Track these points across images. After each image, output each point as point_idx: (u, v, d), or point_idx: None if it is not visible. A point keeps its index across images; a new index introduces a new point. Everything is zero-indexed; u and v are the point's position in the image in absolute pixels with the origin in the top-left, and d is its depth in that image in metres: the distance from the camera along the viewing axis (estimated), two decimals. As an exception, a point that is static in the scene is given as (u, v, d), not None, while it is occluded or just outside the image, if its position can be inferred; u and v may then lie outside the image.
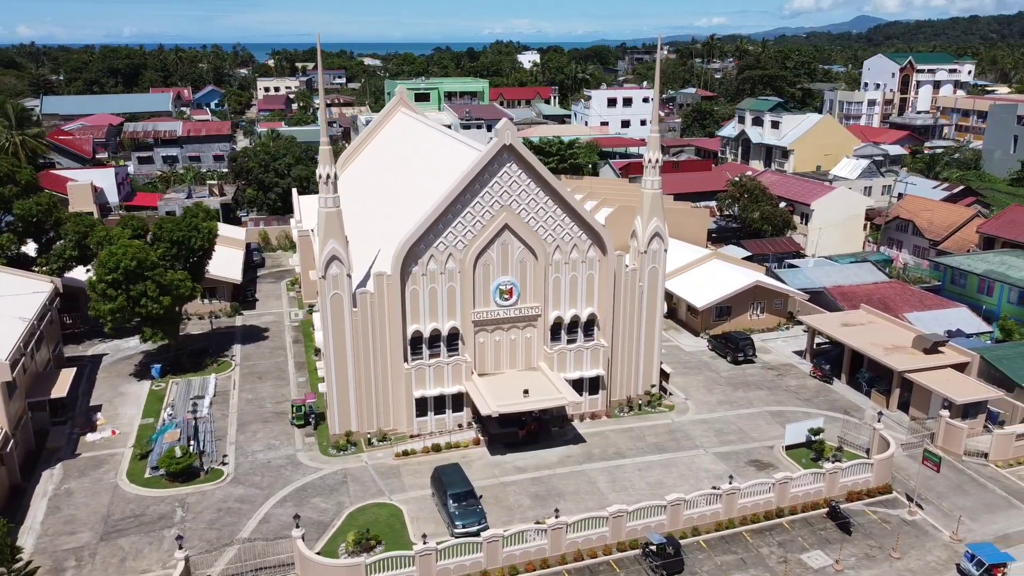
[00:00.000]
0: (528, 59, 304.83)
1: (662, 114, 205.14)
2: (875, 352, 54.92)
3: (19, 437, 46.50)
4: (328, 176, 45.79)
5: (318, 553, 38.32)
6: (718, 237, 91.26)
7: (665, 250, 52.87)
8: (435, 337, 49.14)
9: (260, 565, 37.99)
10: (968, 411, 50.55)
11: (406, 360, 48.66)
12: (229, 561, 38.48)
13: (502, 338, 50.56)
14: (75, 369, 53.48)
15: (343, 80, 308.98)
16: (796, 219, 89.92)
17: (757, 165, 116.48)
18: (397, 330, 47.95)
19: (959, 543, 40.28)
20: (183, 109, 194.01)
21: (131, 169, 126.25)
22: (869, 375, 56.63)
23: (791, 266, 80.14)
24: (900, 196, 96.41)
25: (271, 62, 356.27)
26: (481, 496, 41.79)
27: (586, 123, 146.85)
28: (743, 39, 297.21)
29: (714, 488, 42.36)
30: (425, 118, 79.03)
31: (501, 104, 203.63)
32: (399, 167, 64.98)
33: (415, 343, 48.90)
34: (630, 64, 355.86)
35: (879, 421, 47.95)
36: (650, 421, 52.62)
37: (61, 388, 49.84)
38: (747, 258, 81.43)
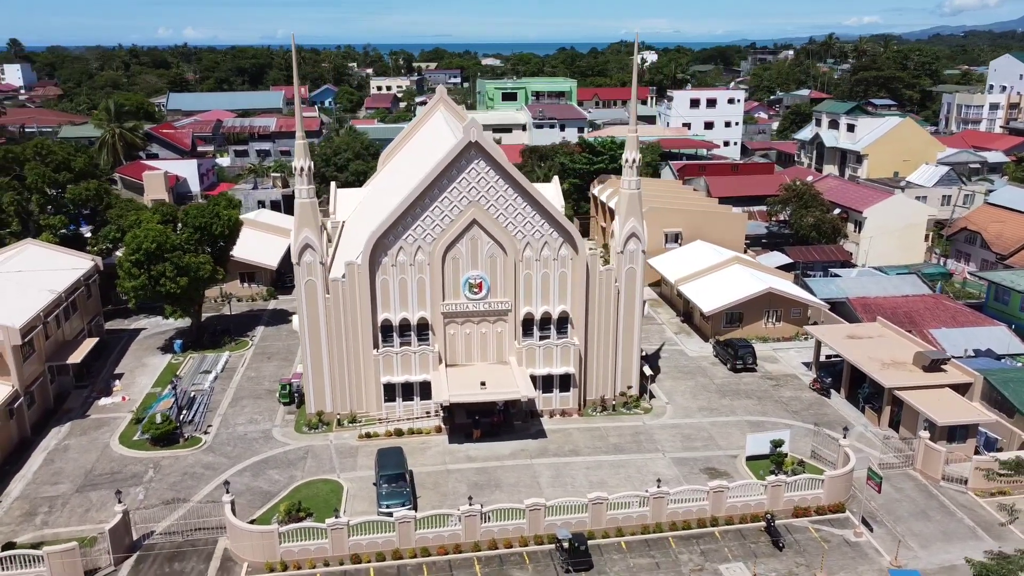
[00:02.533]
0: (646, 59, 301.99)
1: (766, 115, 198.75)
2: (870, 366, 52.26)
3: (36, 396, 52.12)
4: (302, 169, 48.63)
5: (252, 521, 41.02)
6: (768, 243, 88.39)
7: (643, 251, 52.42)
8: (405, 326, 51.05)
9: (200, 525, 41.11)
10: (955, 434, 47.36)
11: (376, 347, 50.84)
12: (176, 519, 41.90)
13: (472, 331, 51.81)
14: (96, 339, 59.13)
15: (457, 80, 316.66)
16: (850, 227, 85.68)
17: (831, 170, 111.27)
18: (367, 317, 50.19)
19: (898, 569, 38.21)
20: (292, 106, 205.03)
21: (227, 161, 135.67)
22: (868, 391, 53.91)
23: (834, 275, 76.70)
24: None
25: (394, 62, 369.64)
26: (411, 480, 43.38)
27: (668, 124, 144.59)
28: (863, 39, 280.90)
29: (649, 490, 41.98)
30: (456, 117, 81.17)
31: (597, 104, 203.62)
32: (415, 164, 67.22)
33: (385, 331, 51.00)
34: (754, 64, 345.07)
35: (844, 437, 45.81)
36: (620, 422, 52.40)
37: (78, 356, 55.28)
38: (787, 265, 78.82)
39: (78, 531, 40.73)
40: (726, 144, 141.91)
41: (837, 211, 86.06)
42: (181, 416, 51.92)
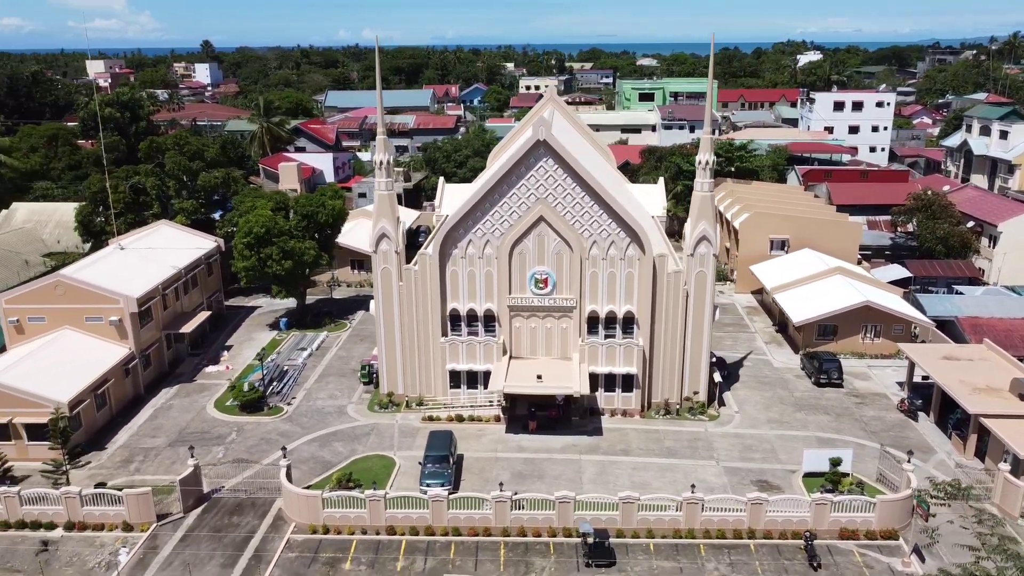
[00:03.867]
0: (808, 59, 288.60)
1: (930, 120, 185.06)
2: (958, 390, 48.67)
3: (152, 359, 58.46)
4: (381, 162, 51.72)
5: (309, 486, 44.27)
6: (892, 255, 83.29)
7: (715, 255, 51.49)
8: (472, 317, 52.98)
9: (263, 486, 44.95)
10: (1043, 470, 43.34)
11: (444, 334, 53.10)
12: (243, 478, 46.03)
13: (538, 325, 52.93)
14: (210, 313, 65.33)
15: (609, 80, 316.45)
16: (984, 242, 79.05)
17: (980, 180, 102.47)
18: (436, 306, 52.55)
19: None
20: (441, 104, 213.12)
21: (368, 156, 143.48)
22: (959, 416, 50.18)
23: (957, 292, 71.34)
24: None
25: (545, 62, 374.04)
26: (455, 463, 45.22)
27: (808, 127, 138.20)
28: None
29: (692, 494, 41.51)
30: (565, 116, 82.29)
31: (742, 106, 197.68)
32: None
33: (454, 320, 53.16)
34: (931, 65, 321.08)
35: (909, 461, 43.11)
36: (681, 427, 51.79)
37: (190, 326, 61.37)
38: (906, 280, 74.12)
39: (161, 479, 45.64)
40: (872, 150, 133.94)
41: (970, 224, 79.66)
42: (269, 388, 56.52)
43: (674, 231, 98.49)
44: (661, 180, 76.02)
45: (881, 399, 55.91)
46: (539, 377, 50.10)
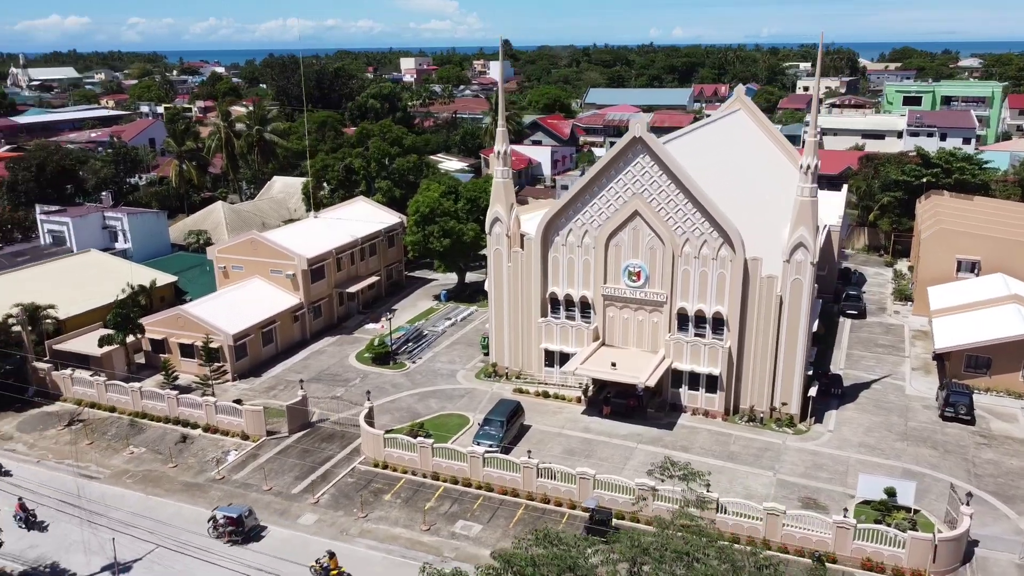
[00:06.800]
0: None
1: None
2: (1082, 442, 42.23)
3: (322, 311, 69.09)
4: (499, 152, 56.66)
5: (391, 430, 50.82)
6: None
7: (812, 263, 49.34)
8: (569, 301, 56.08)
9: (356, 423, 52.39)
10: None
11: (544, 315, 56.83)
12: (345, 414, 53.99)
13: (630, 317, 54.59)
14: (377, 278, 74.91)
15: (909, 81, 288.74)
16: None
17: None
18: (538, 288, 56.43)
19: None
20: (702, 104, 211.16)
21: (602, 151, 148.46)
22: (1091, 474, 43.45)
23: None
24: None
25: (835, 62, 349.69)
26: (507, 428, 49.04)
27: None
28: None
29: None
30: (752, 118, 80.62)
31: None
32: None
33: (553, 303, 56.66)
34: None
35: (968, 503, 38.83)
36: (757, 435, 50.54)
37: (356, 287, 71.26)
38: None
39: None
40: None
41: None
42: (403, 347, 64.27)
43: (879, 244, 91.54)
44: (844, 188, 71.91)
45: (1014, 444, 49.46)
46: (613, 365, 51.98)
